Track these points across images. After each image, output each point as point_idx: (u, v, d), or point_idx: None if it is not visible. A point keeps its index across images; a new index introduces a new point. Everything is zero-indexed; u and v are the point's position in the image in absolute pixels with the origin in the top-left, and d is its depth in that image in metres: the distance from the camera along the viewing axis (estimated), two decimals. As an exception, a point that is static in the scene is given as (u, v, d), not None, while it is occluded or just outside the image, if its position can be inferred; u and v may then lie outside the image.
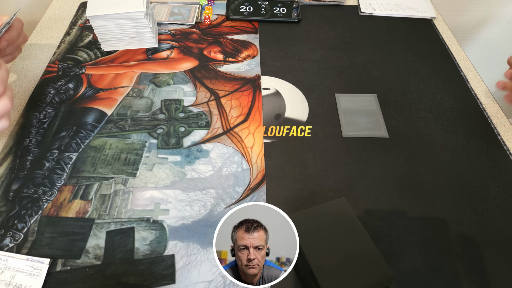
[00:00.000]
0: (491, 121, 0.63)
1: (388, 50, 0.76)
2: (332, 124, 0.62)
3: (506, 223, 0.51)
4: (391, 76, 0.70)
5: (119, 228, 0.48)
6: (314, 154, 0.57)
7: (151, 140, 0.58)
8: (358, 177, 0.55)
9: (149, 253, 0.46)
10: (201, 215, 0.50)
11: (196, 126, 0.60)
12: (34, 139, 0.57)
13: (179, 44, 0.75)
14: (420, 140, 0.60)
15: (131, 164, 0.55)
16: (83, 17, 0.79)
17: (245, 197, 0.52)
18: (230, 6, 0.82)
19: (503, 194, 0.54)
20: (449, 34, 0.81)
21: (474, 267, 0.47)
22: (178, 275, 0.45)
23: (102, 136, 0.58)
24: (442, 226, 0.50)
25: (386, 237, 0.49)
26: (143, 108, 0.63)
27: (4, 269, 0.43)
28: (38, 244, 0.46)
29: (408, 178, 0.55)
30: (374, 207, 0.52)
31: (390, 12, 0.84)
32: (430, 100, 0.66)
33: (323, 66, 0.72)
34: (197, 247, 0.47)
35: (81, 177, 0.53)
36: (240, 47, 0.75)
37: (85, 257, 0.46)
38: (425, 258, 0.47)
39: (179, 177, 0.54)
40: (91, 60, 0.70)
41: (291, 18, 0.81)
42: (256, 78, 0.69)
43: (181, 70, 0.69)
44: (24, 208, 0.49)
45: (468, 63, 0.74)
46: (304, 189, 0.53)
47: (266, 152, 0.57)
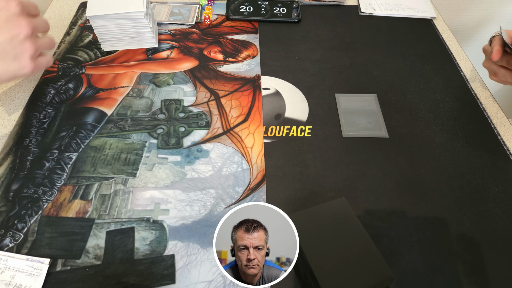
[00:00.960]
0: (491, 121, 0.63)
1: (388, 50, 0.76)
2: (332, 124, 0.62)
3: (506, 223, 0.51)
4: (391, 76, 0.70)
5: (119, 228, 0.48)
6: (314, 154, 0.57)
7: (151, 140, 0.58)
8: (358, 177, 0.55)
9: (149, 253, 0.46)
10: (201, 215, 0.50)
11: (196, 126, 0.60)
12: (34, 139, 0.57)
13: (179, 44, 0.75)
14: (420, 140, 0.60)
15: (131, 164, 0.55)
16: (83, 17, 0.79)
17: (245, 197, 0.52)
18: (230, 6, 0.82)
19: (503, 194, 0.54)
20: (449, 34, 0.81)
21: (474, 267, 0.47)
22: (178, 275, 0.45)
23: (102, 136, 0.58)
24: (442, 226, 0.50)
25: (386, 237, 0.49)
26: (143, 108, 0.63)
27: (4, 269, 0.43)
28: (38, 244, 0.46)
29: (408, 178, 0.55)
30: (374, 207, 0.52)
31: (390, 12, 0.84)
32: (430, 100, 0.66)
33: (323, 66, 0.72)
34: (197, 247, 0.47)
35: (81, 177, 0.53)
36: (240, 47, 0.75)
37: (85, 257, 0.46)
38: (425, 258, 0.47)
39: (179, 177, 0.54)
40: (91, 60, 0.70)
41: (291, 18, 0.81)
42: (256, 78, 0.69)
43: (181, 70, 0.69)
44: (24, 208, 0.49)
45: (468, 63, 0.74)
46: (304, 189, 0.53)
47: (266, 152, 0.57)
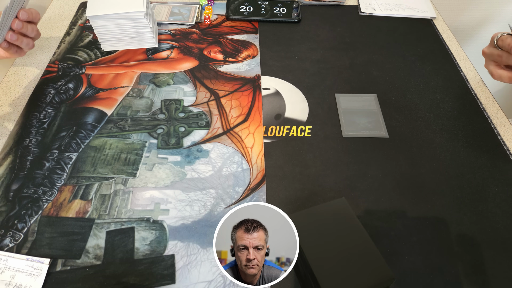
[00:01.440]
0: (491, 121, 0.63)
1: (388, 50, 0.76)
2: (332, 124, 0.62)
3: (506, 223, 0.51)
4: (391, 76, 0.70)
5: (119, 228, 0.48)
6: (314, 154, 0.57)
7: (151, 140, 0.58)
8: (358, 177, 0.55)
9: (149, 253, 0.46)
10: (201, 215, 0.50)
11: (196, 126, 0.60)
12: (34, 139, 0.57)
13: (179, 44, 0.75)
14: (420, 140, 0.60)
15: (131, 164, 0.55)
16: (83, 17, 0.79)
17: (245, 197, 0.52)
18: (230, 6, 0.82)
19: (503, 194, 0.54)
20: (449, 34, 0.81)
21: (474, 267, 0.47)
22: (178, 275, 0.45)
23: (102, 136, 0.58)
24: (442, 226, 0.50)
25: (386, 237, 0.49)
26: (143, 108, 0.63)
27: (4, 269, 0.43)
28: (38, 244, 0.46)
29: (408, 178, 0.55)
30: (374, 207, 0.52)
31: (390, 12, 0.84)
32: (430, 100, 0.66)
33: (323, 66, 0.72)
34: (197, 247, 0.47)
35: (81, 177, 0.53)
36: (240, 47, 0.75)
37: (85, 257, 0.46)
38: (425, 258, 0.47)
39: (179, 177, 0.54)
40: (91, 60, 0.70)
41: (291, 18, 0.81)
42: (256, 78, 0.69)
43: (181, 70, 0.69)
44: (24, 208, 0.49)
45: (468, 63, 0.74)
46: (304, 189, 0.53)
47: (266, 152, 0.57)
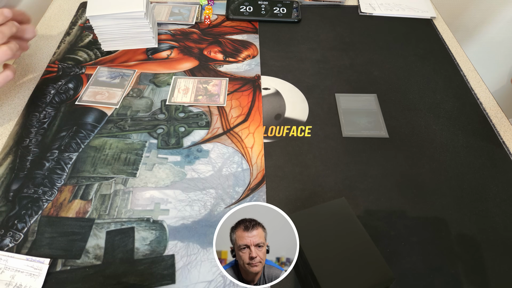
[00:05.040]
0: (491, 121, 0.63)
1: (388, 50, 0.76)
2: (332, 124, 0.62)
3: (506, 223, 0.51)
4: (391, 76, 0.70)
5: (119, 228, 0.48)
6: (314, 154, 0.57)
7: (151, 140, 0.58)
8: (358, 177, 0.55)
9: (149, 253, 0.46)
10: (201, 215, 0.50)
11: (196, 126, 0.60)
12: (34, 139, 0.57)
13: (179, 44, 0.75)
14: (420, 140, 0.60)
15: (131, 164, 0.55)
16: (83, 17, 0.79)
17: (245, 197, 0.52)
18: (230, 6, 0.82)
19: (503, 194, 0.54)
20: (449, 34, 0.81)
21: (474, 267, 0.47)
22: (178, 275, 0.45)
23: (102, 136, 0.58)
24: (442, 226, 0.50)
25: (386, 237, 0.49)
26: (143, 108, 0.63)
27: (4, 269, 0.43)
28: (38, 244, 0.46)
29: (408, 178, 0.55)
30: (374, 207, 0.52)
31: (390, 12, 0.84)
32: (430, 100, 0.66)
33: (323, 66, 0.72)
34: (197, 247, 0.47)
35: (81, 177, 0.53)
36: (240, 47, 0.75)
37: (85, 257, 0.46)
38: (425, 258, 0.47)
39: (179, 177, 0.54)
40: (91, 60, 0.70)
41: (291, 18, 0.81)
42: (256, 78, 0.69)
43: (181, 70, 0.69)
44: (24, 208, 0.49)
45: (468, 63, 0.74)
46: (304, 189, 0.53)
47: (266, 152, 0.57)
